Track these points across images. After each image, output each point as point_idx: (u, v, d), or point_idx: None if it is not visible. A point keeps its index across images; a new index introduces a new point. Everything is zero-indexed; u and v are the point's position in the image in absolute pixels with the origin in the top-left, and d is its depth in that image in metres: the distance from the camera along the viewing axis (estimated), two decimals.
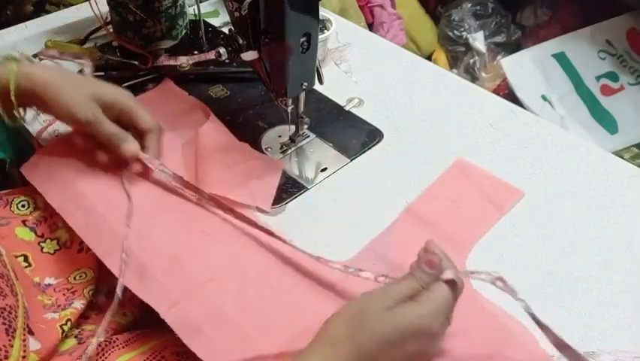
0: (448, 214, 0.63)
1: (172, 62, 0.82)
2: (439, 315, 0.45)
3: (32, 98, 0.60)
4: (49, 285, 0.58)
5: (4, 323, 0.46)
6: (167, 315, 0.51)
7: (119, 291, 0.53)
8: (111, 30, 0.87)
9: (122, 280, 0.54)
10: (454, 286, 0.46)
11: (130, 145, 0.62)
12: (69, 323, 0.54)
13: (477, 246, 0.61)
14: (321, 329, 0.45)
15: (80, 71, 0.82)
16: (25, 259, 0.59)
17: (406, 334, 0.43)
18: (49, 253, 0.61)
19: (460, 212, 0.63)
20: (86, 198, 0.62)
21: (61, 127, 0.71)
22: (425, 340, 0.45)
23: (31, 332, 0.50)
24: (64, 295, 0.58)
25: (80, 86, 0.61)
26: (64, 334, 0.53)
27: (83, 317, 0.57)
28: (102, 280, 0.60)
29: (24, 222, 0.62)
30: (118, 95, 0.63)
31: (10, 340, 0.45)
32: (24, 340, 0.47)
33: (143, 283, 0.54)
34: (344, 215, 0.64)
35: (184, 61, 0.82)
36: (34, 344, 0.49)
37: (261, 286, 0.55)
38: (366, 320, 0.44)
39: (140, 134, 0.64)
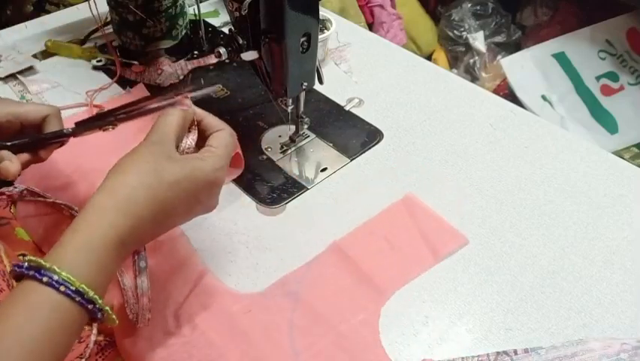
0: (377, 254, 0.59)
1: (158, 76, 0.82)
2: (225, 165, 0.49)
3: None
4: None
5: None
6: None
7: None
8: (107, 32, 0.87)
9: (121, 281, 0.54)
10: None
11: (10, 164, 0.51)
12: None
13: (477, 244, 0.61)
14: (111, 181, 0.44)
15: None
16: None
17: (200, 184, 0.46)
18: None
19: (391, 253, 0.59)
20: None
21: None
22: (216, 189, 0.49)
23: None
24: None
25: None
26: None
27: None
28: None
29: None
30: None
31: None
32: None
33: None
34: (344, 215, 0.64)
35: (178, 68, 0.82)
36: None
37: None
38: (161, 175, 0.44)
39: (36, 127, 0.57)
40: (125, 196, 0.43)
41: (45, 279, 0.37)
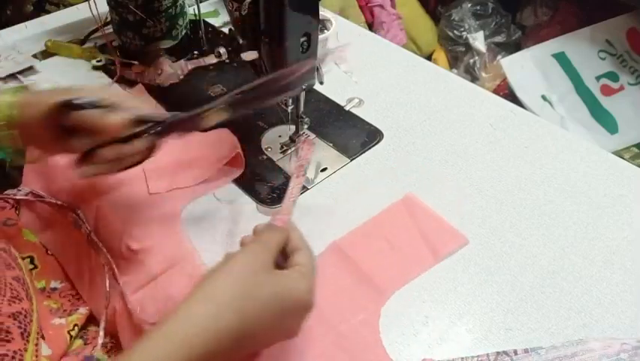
0: (377, 254, 0.59)
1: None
2: (314, 288, 0.45)
3: (22, 126, 0.51)
4: (54, 289, 0.59)
5: (19, 327, 0.46)
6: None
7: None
8: (107, 32, 0.87)
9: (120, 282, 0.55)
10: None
11: (115, 116, 0.50)
12: (76, 329, 0.54)
13: (477, 244, 0.61)
14: (200, 284, 0.41)
15: None
16: (32, 260, 0.59)
17: (290, 307, 0.43)
18: (53, 255, 0.61)
19: (391, 253, 0.59)
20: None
21: None
22: (303, 315, 0.44)
23: (43, 337, 0.50)
24: (69, 300, 0.58)
25: (58, 88, 0.53)
26: (71, 339, 0.53)
27: (88, 318, 0.58)
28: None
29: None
30: (85, 87, 0.56)
31: (25, 344, 0.46)
32: (36, 344, 0.47)
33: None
34: (344, 215, 0.64)
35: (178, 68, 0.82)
36: (45, 350, 0.50)
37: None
38: (251, 291, 0.41)
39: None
40: (212, 313, 0.39)
41: None
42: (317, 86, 0.67)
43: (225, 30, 0.97)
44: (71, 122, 0.49)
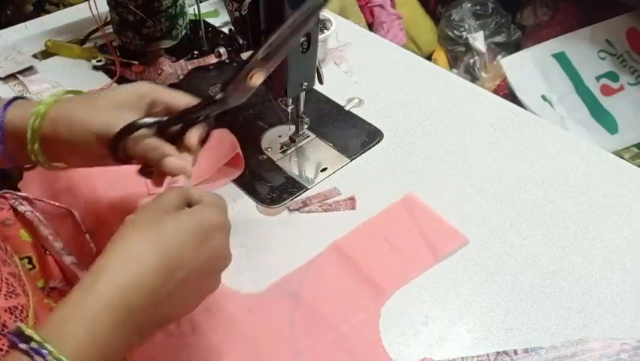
0: (377, 254, 0.59)
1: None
2: (222, 212, 0.45)
3: (51, 142, 0.49)
4: (53, 288, 0.59)
5: (15, 322, 0.46)
6: None
7: None
8: (107, 32, 0.87)
9: None
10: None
11: (176, 160, 0.50)
12: None
13: (477, 244, 0.61)
14: (110, 246, 0.40)
15: None
16: (30, 260, 0.59)
17: (204, 229, 0.42)
18: (52, 255, 0.61)
19: (391, 253, 0.60)
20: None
21: None
22: (222, 234, 0.44)
23: None
24: None
25: (92, 101, 0.51)
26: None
27: None
28: None
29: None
30: (138, 88, 0.53)
31: None
32: None
33: None
34: (344, 215, 0.64)
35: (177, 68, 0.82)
36: None
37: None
38: (161, 225, 0.40)
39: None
40: (122, 254, 0.39)
41: (31, 351, 0.33)
42: (317, 86, 0.67)
43: (225, 30, 0.97)
44: (127, 155, 0.49)
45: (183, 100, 0.53)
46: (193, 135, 0.50)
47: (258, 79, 0.48)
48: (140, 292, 0.38)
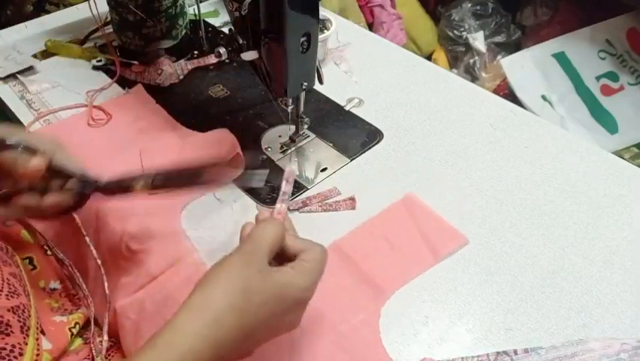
0: (377, 254, 0.59)
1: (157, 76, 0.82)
2: (315, 284, 0.44)
3: None
4: (54, 289, 0.59)
5: (19, 321, 0.46)
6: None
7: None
8: (107, 31, 0.87)
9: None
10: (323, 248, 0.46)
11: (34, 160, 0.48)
12: (77, 326, 0.54)
13: (477, 244, 0.61)
14: (197, 289, 0.41)
15: None
16: (31, 261, 0.59)
17: (288, 304, 0.42)
18: (52, 256, 0.61)
19: (391, 253, 0.60)
20: None
21: (52, 118, 0.74)
22: (302, 309, 0.44)
23: (42, 332, 0.50)
24: (70, 300, 0.58)
25: None
26: (72, 337, 0.53)
27: (88, 318, 0.58)
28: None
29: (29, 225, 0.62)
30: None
31: (24, 338, 0.46)
32: (37, 338, 0.48)
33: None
34: (344, 215, 0.64)
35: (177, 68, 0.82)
36: (45, 344, 0.50)
37: None
38: (247, 289, 0.41)
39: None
40: (210, 320, 0.39)
41: None
42: (317, 86, 0.67)
43: (225, 30, 0.97)
44: None
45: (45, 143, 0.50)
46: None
47: (139, 192, 0.50)
48: (213, 354, 0.39)
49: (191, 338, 0.38)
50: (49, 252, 0.61)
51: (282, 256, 0.45)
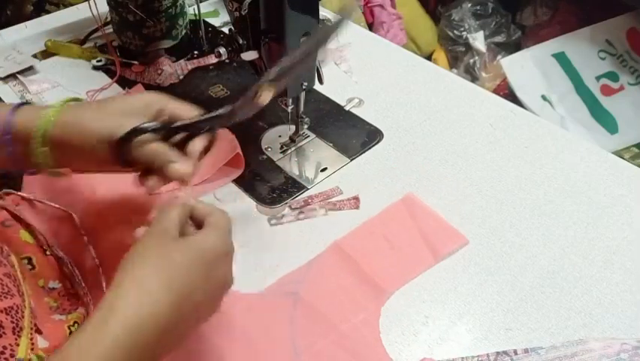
0: (377, 254, 0.59)
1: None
2: (228, 237, 0.45)
3: (60, 146, 0.50)
4: (53, 289, 0.59)
5: (12, 322, 0.46)
6: None
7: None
8: (107, 31, 0.87)
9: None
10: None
11: (180, 166, 0.50)
12: (76, 325, 0.54)
13: (477, 244, 0.61)
14: (121, 277, 0.41)
15: None
16: (30, 261, 0.59)
17: (210, 260, 0.43)
18: (52, 256, 0.61)
19: (391, 253, 0.60)
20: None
21: None
22: (227, 263, 0.45)
23: (39, 331, 0.50)
24: (68, 300, 0.58)
25: (102, 107, 0.52)
26: (70, 334, 0.53)
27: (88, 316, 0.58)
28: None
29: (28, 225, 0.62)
30: (146, 96, 0.53)
31: (16, 339, 0.46)
32: (31, 338, 0.47)
33: None
34: (344, 215, 0.64)
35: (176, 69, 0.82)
36: (42, 343, 0.50)
37: None
38: (169, 257, 0.41)
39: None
40: (134, 291, 0.39)
41: None
42: (317, 86, 0.67)
43: (225, 30, 0.97)
44: (133, 159, 0.49)
45: (190, 112, 0.52)
46: (197, 144, 0.50)
47: (266, 98, 0.48)
48: (152, 332, 0.38)
49: (120, 312, 0.38)
50: (48, 252, 0.61)
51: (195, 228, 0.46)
